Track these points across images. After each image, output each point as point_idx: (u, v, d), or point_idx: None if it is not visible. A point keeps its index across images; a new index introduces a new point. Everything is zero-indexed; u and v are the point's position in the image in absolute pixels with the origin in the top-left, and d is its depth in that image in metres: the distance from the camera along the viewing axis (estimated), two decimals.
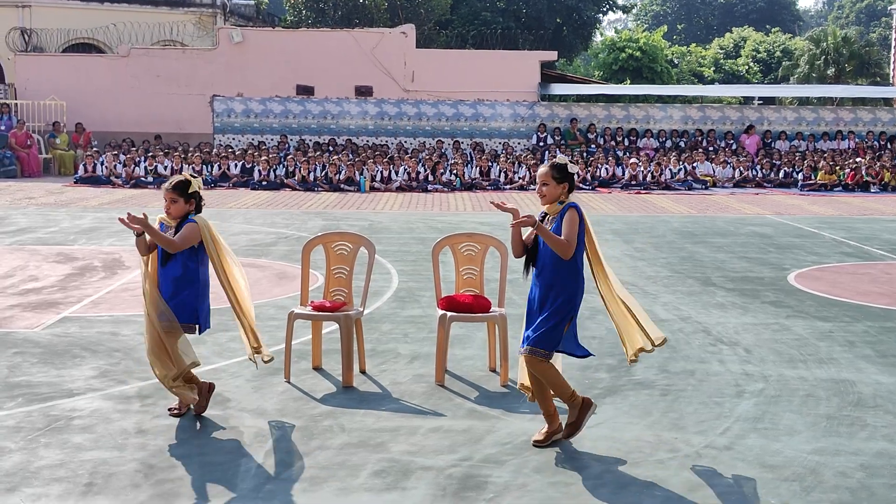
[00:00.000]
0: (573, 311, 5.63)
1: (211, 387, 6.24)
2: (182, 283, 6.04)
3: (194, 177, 6.21)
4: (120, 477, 5.12)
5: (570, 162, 5.69)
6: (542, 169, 5.66)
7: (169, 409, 6.19)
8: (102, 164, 23.95)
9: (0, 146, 25.24)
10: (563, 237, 5.49)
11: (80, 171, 24.01)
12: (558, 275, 5.57)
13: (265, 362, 6.42)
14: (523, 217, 5.51)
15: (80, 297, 9.89)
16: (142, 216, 5.91)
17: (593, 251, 5.75)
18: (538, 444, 5.68)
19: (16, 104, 27.51)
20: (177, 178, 6.14)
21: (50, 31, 30.98)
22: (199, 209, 6.17)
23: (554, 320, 5.54)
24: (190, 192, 6.09)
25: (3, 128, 25.79)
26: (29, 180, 24.38)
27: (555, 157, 5.91)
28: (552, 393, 5.75)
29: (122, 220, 5.92)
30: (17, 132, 25.76)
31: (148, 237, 5.99)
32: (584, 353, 5.77)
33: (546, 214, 5.69)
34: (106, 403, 6.35)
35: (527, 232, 5.76)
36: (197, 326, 6.12)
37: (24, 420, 5.99)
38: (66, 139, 27.03)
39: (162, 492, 4.94)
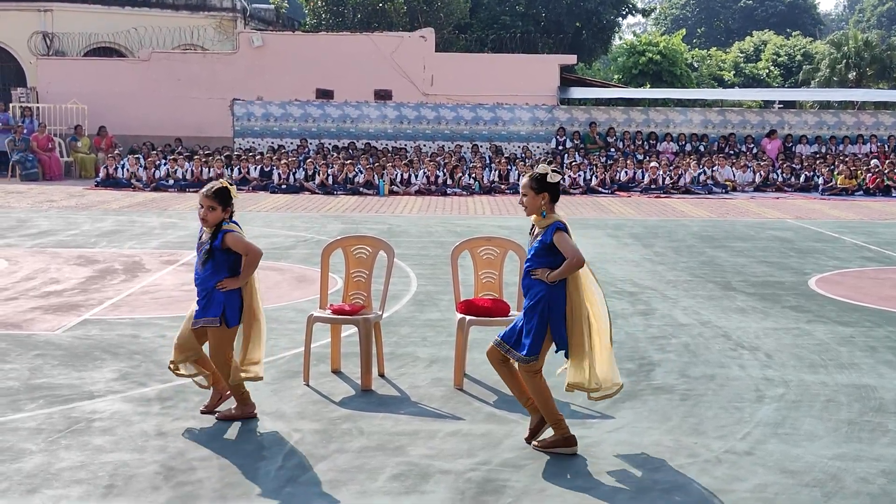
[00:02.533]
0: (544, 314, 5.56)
1: (223, 400, 6.26)
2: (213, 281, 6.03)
3: (231, 184, 6.10)
4: (140, 479, 5.14)
5: (553, 171, 5.54)
6: (523, 180, 5.62)
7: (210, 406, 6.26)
8: (124, 167, 24.12)
9: (22, 149, 25.43)
10: (567, 257, 5.42)
11: (101, 175, 24.19)
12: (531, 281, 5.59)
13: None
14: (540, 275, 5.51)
15: (100, 299, 9.95)
16: (224, 286, 5.97)
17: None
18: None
19: (38, 108, 27.72)
20: (216, 184, 5.97)
21: (72, 35, 31.19)
22: (231, 216, 6.07)
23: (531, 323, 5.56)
24: (232, 199, 5.99)
25: (25, 131, 25.98)
26: (50, 183, 24.53)
27: (542, 164, 5.78)
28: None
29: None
30: (39, 135, 25.96)
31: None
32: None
33: (534, 226, 5.65)
34: (126, 406, 6.38)
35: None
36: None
37: (45, 422, 6.03)
38: (88, 142, 27.22)
39: (182, 494, 4.96)
